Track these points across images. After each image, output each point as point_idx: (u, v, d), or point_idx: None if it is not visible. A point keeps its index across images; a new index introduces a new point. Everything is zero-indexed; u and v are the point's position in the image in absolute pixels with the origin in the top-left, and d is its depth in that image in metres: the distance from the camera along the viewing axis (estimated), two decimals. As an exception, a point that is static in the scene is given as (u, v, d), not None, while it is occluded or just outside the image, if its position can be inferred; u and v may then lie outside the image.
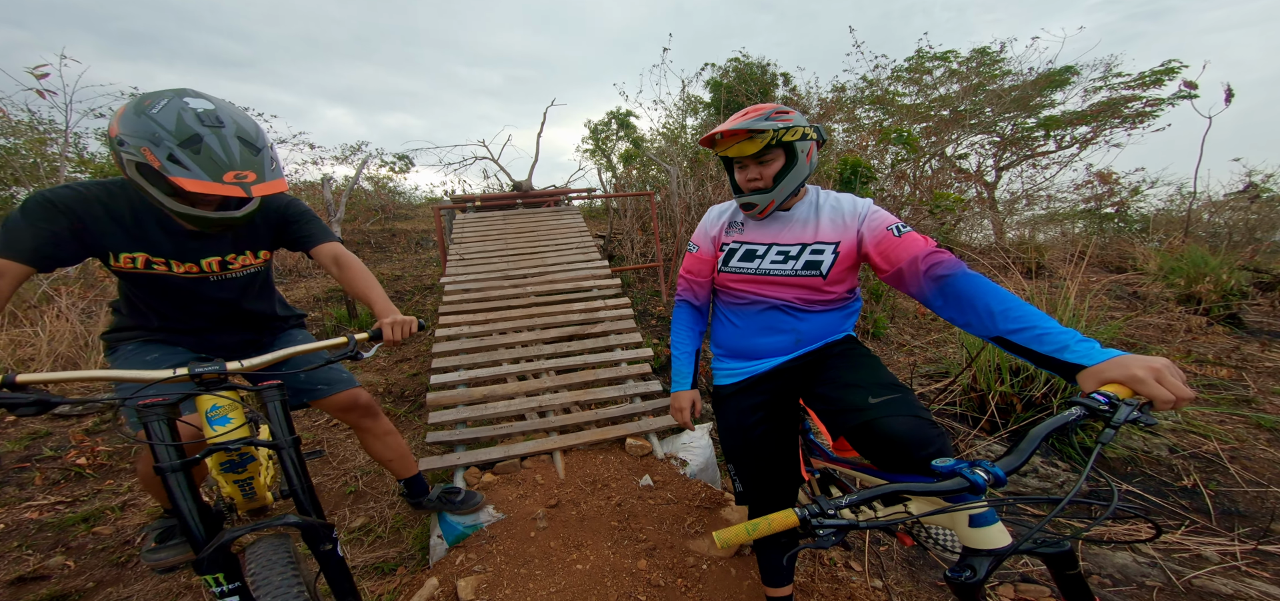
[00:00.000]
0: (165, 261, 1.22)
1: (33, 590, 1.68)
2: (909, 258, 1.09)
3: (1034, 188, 8.50)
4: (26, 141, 5.78)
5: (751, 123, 1.19)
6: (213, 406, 1.07)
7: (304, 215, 1.41)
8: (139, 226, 1.19)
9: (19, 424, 2.74)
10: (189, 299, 1.30)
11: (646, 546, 1.80)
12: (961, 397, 2.79)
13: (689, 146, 8.33)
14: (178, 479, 0.97)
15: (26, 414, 0.85)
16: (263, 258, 1.38)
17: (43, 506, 2.12)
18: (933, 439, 1.03)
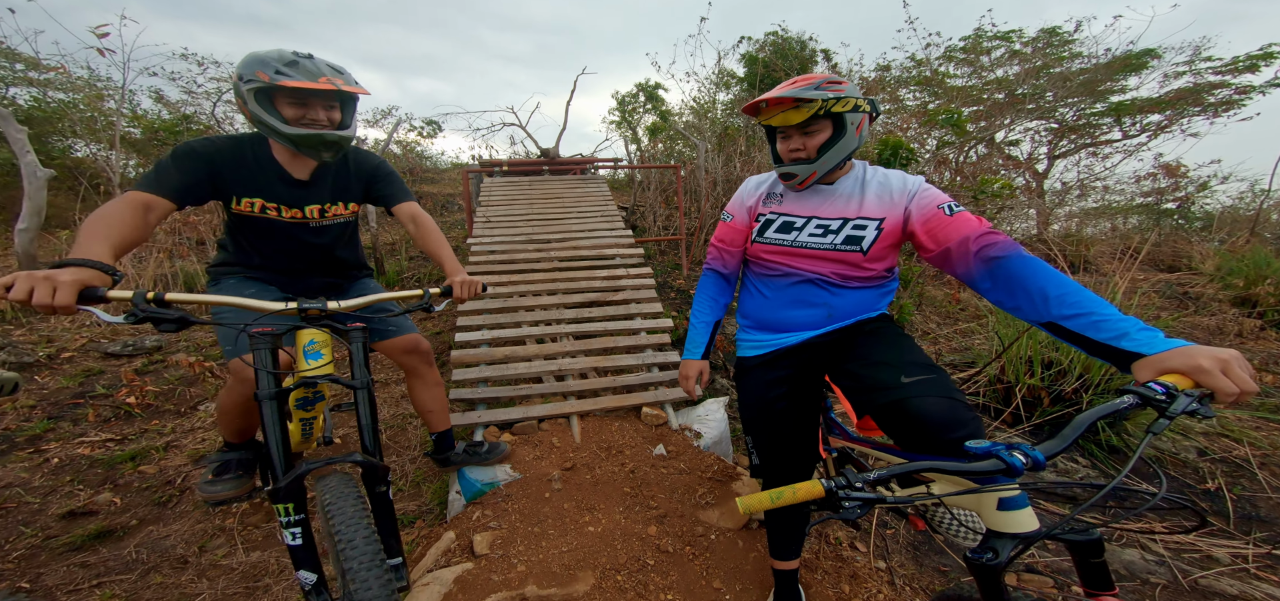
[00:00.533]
0: (277, 207, 1.40)
1: (82, 524, 1.81)
2: (959, 237, 1.05)
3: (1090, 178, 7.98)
4: (85, 97, 6.02)
5: (800, 91, 1.14)
6: (310, 341, 1.17)
7: (391, 176, 1.57)
8: (261, 175, 1.37)
9: (75, 361, 2.94)
10: (290, 242, 1.47)
11: (657, 513, 1.82)
12: (986, 388, 2.71)
13: (718, 122, 8.10)
14: (272, 406, 1.07)
15: (168, 329, 0.96)
16: (352, 209, 1.53)
17: (94, 443, 2.28)
18: (966, 421, 1.00)
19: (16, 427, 2.34)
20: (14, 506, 1.86)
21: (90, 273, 0.96)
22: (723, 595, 1.55)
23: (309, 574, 1.04)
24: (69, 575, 1.57)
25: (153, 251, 4.23)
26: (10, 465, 2.10)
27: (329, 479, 1.07)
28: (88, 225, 1.08)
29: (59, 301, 0.87)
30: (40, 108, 5.86)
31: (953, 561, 1.80)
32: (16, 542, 1.70)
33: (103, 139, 5.81)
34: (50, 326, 3.25)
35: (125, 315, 0.95)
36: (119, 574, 1.59)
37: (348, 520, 0.97)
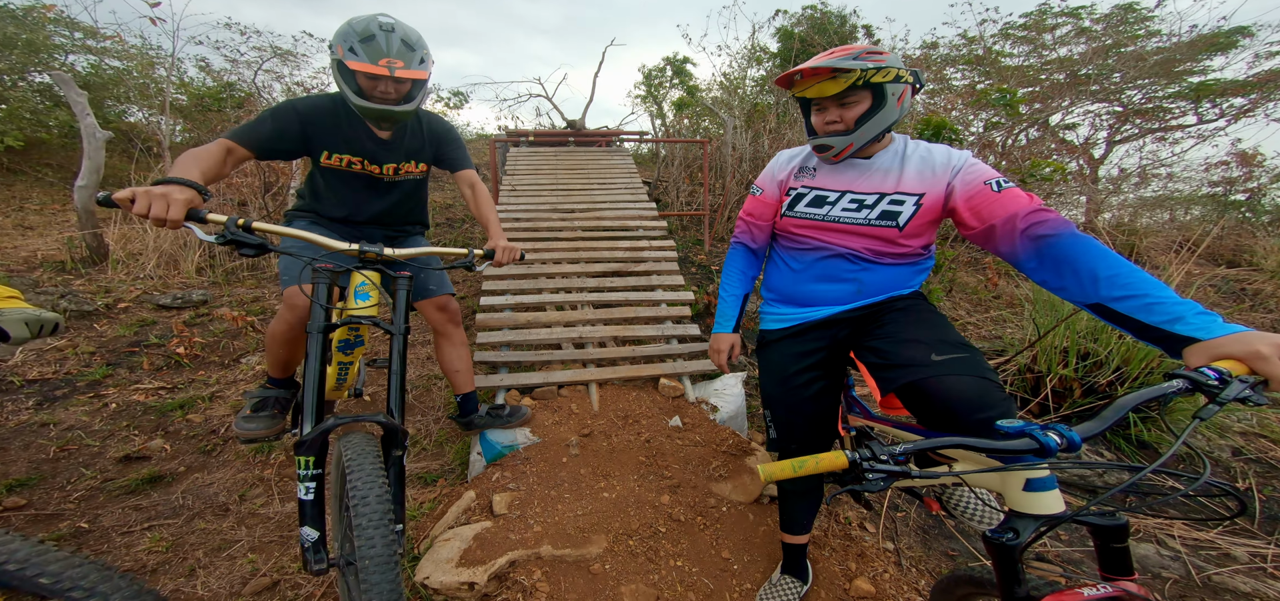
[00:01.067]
0: (361, 161, 1.53)
1: (136, 468, 1.95)
2: (1006, 215, 1.01)
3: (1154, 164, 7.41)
4: (138, 64, 6.28)
5: (837, 61, 1.09)
6: (361, 283, 1.26)
7: (458, 143, 1.71)
8: (352, 132, 1.49)
9: (129, 312, 3.13)
10: (368, 194, 1.60)
11: (671, 483, 1.86)
12: (1015, 378, 2.62)
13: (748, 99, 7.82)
14: (318, 341, 1.14)
15: (248, 253, 1.06)
16: (422, 168, 1.66)
17: (148, 390, 2.45)
18: (997, 401, 0.98)
19: (78, 372, 2.53)
20: (76, 448, 2.03)
21: (193, 194, 1.06)
22: (731, 565, 1.59)
23: (312, 531, 1.06)
24: (123, 517, 1.71)
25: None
26: (73, 408, 2.28)
27: (352, 436, 1.09)
28: (186, 156, 1.22)
29: (171, 215, 1.00)
30: (97, 74, 6.14)
31: (961, 547, 1.78)
32: (78, 483, 1.86)
33: (154, 105, 6.06)
34: (108, 277, 3.46)
35: (217, 236, 1.04)
36: (167, 518, 1.72)
37: (365, 479, 0.98)
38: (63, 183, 5.43)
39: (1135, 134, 7.65)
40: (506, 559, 1.45)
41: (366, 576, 0.90)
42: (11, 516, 1.68)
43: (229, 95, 6.49)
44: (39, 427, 2.14)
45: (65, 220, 4.53)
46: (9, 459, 1.95)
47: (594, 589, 1.44)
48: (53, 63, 5.75)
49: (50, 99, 5.87)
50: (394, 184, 1.63)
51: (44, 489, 1.83)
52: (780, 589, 1.45)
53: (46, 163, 5.83)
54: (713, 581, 1.52)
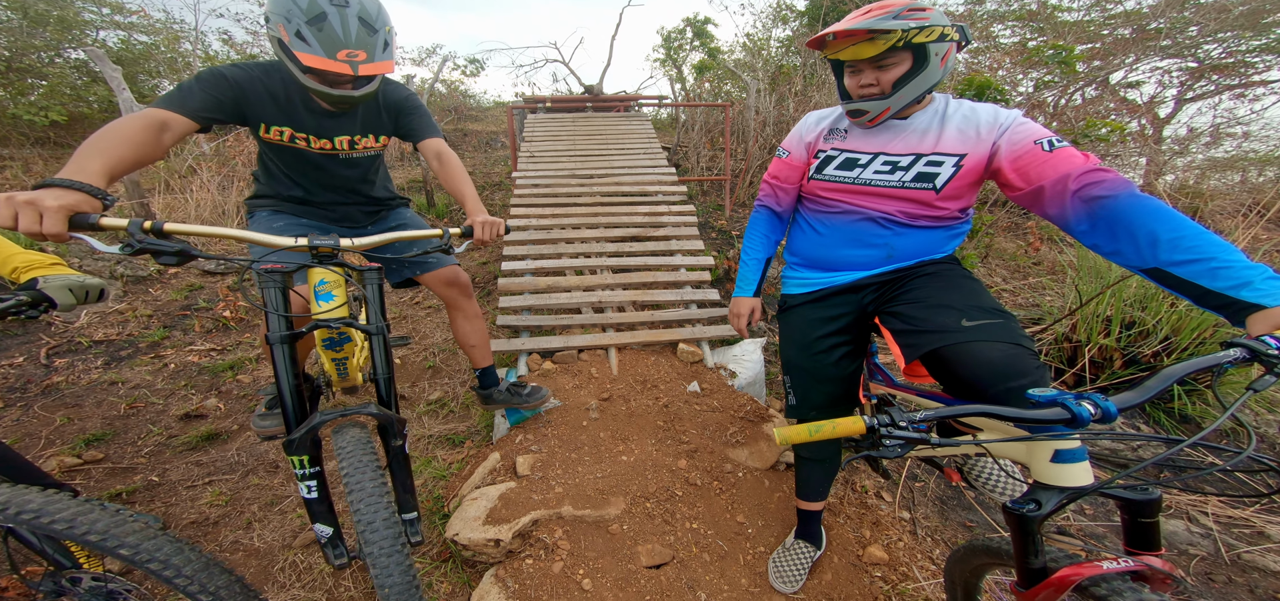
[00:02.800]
0: (306, 137, 1.36)
1: (195, 426, 2.12)
2: (1057, 175, 0.94)
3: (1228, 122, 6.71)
4: (164, 39, 6.43)
5: (875, 21, 1.01)
6: (320, 282, 1.11)
7: (417, 110, 1.50)
8: (289, 104, 1.32)
9: (179, 277, 3.33)
10: (320, 173, 1.46)
11: (688, 448, 1.90)
12: (1051, 348, 2.52)
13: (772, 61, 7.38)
14: (283, 351, 1.02)
15: (168, 262, 0.89)
16: (382, 142, 1.49)
17: (201, 351, 2.63)
18: (1029, 369, 0.95)
19: (139, 334, 2.73)
20: (143, 406, 2.22)
21: (78, 197, 0.85)
22: (746, 529, 1.63)
23: (325, 527, 1.04)
24: (187, 472, 1.88)
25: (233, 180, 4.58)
26: (137, 368, 2.47)
27: (344, 431, 1.04)
28: (88, 142, 0.99)
29: (47, 229, 0.81)
30: (128, 49, 6.35)
31: (980, 518, 1.78)
32: (147, 439, 2.04)
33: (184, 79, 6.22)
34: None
35: (121, 245, 0.88)
36: (225, 473, 1.88)
37: (358, 471, 0.95)
38: None
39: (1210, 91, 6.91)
40: (530, 518, 1.53)
41: (376, 567, 0.89)
42: (92, 468, 1.87)
43: None
44: (108, 386, 2.34)
45: (113, 190, 4.77)
46: (85, 415, 2.16)
47: (612, 547, 1.52)
48: (85, 39, 5.93)
49: (88, 75, 6.09)
50: (354, 160, 1.46)
51: (118, 444, 2.02)
52: (793, 553, 1.49)
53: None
54: (727, 543, 1.58)
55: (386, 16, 1.20)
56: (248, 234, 1.02)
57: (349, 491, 0.93)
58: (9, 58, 5.51)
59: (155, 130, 1.10)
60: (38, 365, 2.44)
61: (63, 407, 2.18)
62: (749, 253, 1.42)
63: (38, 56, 5.86)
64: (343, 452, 0.98)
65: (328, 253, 1.05)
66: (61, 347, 2.57)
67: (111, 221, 0.87)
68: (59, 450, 1.92)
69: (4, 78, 5.58)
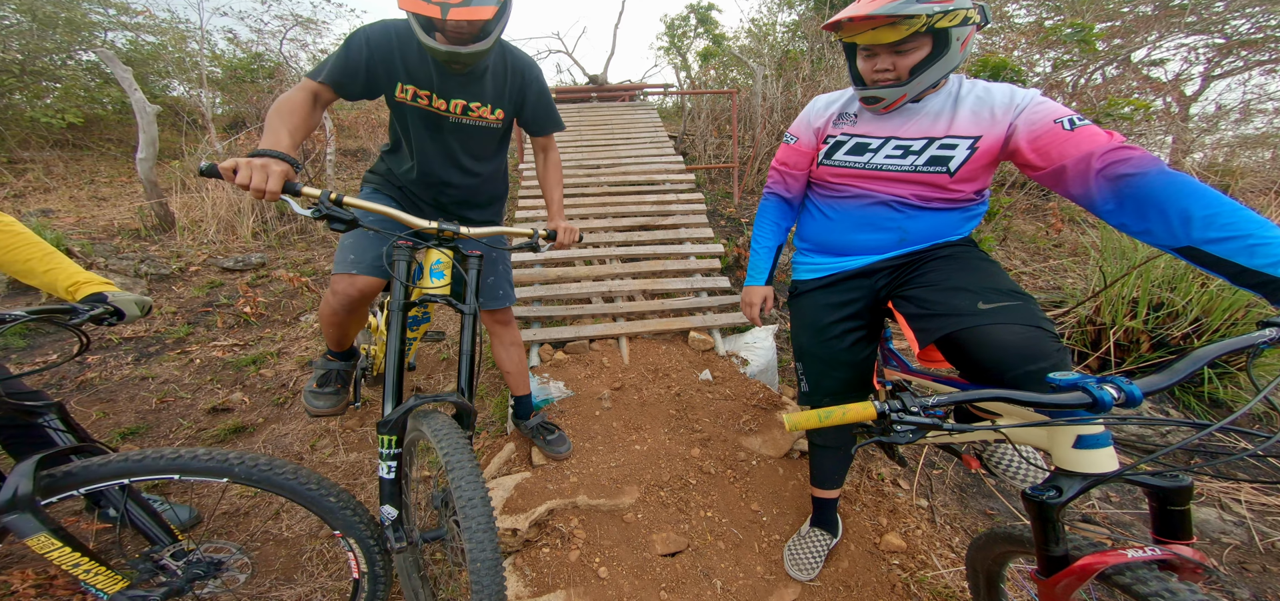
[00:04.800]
0: (429, 95, 1.33)
1: (222, 420, 2.18)
2: (1080, 154, 0.91)
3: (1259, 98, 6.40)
4: (171, 38, 6.48)
5: (897, 6, 0.97)
6: (437, 260, 1.22)
7: (545, 94, 1.48)
8: (420, 62, 1.31)
9: (200, 274, 3.41)
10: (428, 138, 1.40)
11: (701, 437, 1.91)
12: (1074, 331, 2.46)
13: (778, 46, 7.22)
14: (400, 318, 1.13)
15: (339, 228, 1.06)
16: (498, 116, 1.41)
17: (224, 346, 2.70)
18: (1049, 352, 0.92)
19: (165, 330, 2.81)
20: (173, 400, 2.29)
21: (286, 167, 1.04)
22: (760, 517, 1.64)
23: (392, 509, 1.07)
24: (218, 462, 1.94)
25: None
26: (166, 363, 2.55)
27: (434, 416, 1.09)
28: (273, 116, 1.15)
29: (270, 187, 0.99)
30: (137, 50, 6.41)
31: (1001, 506, 1.76)
32: (178, 431, 2.11)
33: (192, 79, 6.29)
34: (176, 243, 3.76)
35: (312, 209, 1.04)
36: (253, 463, 1.94)
37: (459, 455, 0.99)
38: (125, 156, 5.80)
39: (1239, 68, 6.59)
40: (545, 507, 1.56)
41: (477, 578, 0.92)
42: (126, 460, 1.95)
43: (259, 66, 6.62)
44: (140, 381, 2.42)
45: (133, 191, 4.88)
46: (119, 409, 2.24)
47: (627, 536, 1.54)
48: (95, 40, 6.01)
49: (100, 76, 6.18)
50: (459, 127, 1.39)
51: (151, 436, 2.09)
52: (809, 541, 1.49)
53: (108, 138, 6.23)
54: (742, 531, 1.59)
55: None
56: (396, 212, 1.14)
57: (449, 469, 0.98)
58: (22, 61, 5.61)
59: (310, 101, 1.23)
60: (71, 362, 2.52)
61: (98, 402, 2.26)
62: (759, 241, 1.40)
63: (50, 59, 5.95)
64: (439, 434, 1.04)
65: (449, 236, 1.18)
66: (93, 345, 2.66)
67: (310, 191, 1.04)
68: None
69: (20, 81, 5.69)
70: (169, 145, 5.50)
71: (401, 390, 1.13)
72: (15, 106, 5.80)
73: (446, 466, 0.98)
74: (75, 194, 4.82)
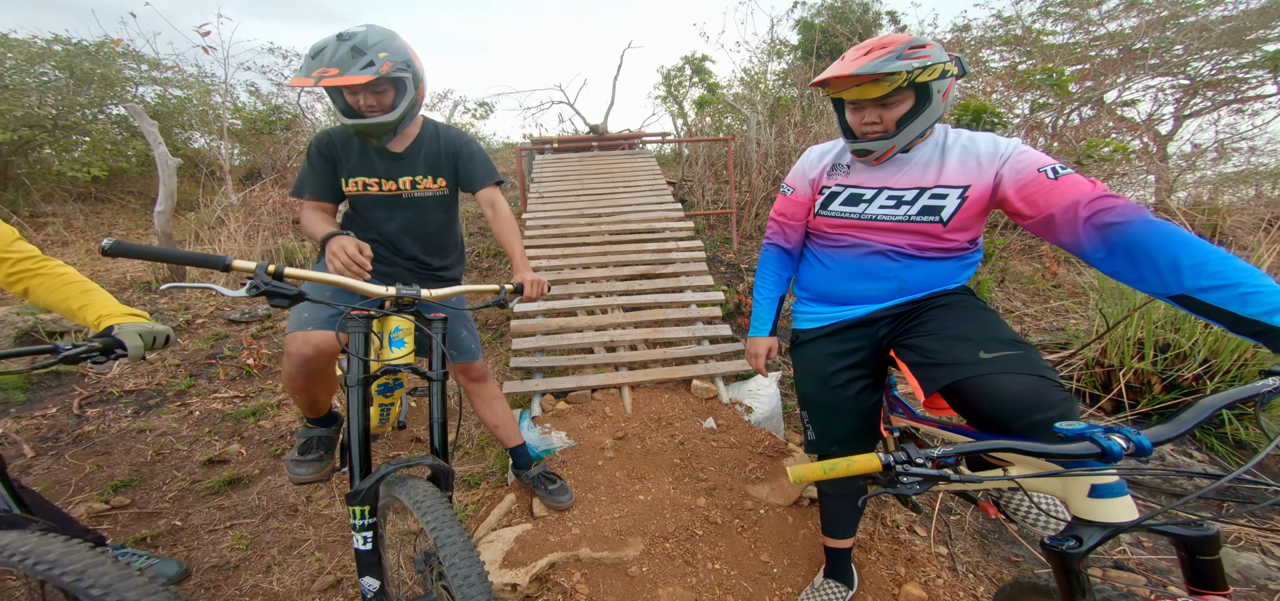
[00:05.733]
0: (377, 181, 1.46)
1: (218, 471, 2.14)
2: (1066, 203, 0.94)
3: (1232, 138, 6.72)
4: (196, 92, 6.80)
5: (878, 64, 1.03)
6: (396, 328, 1.16)
7: (476, 155, 1.56)
8: (362, 156, 1.44)
9: (206, 326, 3.43)
10: (384, 213, 1.51)
11: (707, 485, 1.86)
12: (1083, 373, 2.44)
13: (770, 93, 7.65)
14: (359, 392, 1.06)
15: (279, 304, 0.96)
16: (441, 184, 1.53)
17: (225, 398, 2.68)
18: (1055, 402, 0.92)
19: (168, 383, 2.80)
20: (169, 452, 2.26)
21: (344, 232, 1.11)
22: (770, 568, 1.57)
23: (372, 581, 1.02)
24: (210, 516, 1.89)
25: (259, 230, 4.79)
26: (165, 415, 2.53)
27: (413, 483, 1.04)
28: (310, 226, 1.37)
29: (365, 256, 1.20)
30: (164, 104, 6.68)
31: (1026, 552, 1.69)
32: (172, 484, 2.07)
33: (214, 131, 6.56)
34: (186, 296, 3.81)
35: (246, 286, 0.94)
36: (246, 517, 1.89)
37: (449, 528, 0.93)
38: (144, 208, 5.99)
39: (1207, 107, 6.95)
40: (547, 560, 1.50)
41: None
42: (119, 514, 1.90)
43: (277, 117, 6.90)
44: (137, 433, 2.39)
45: (149, 240, 5.01)
46: (113, 462, 2.20)
47: (632, 591, 1.47)
48: (125, 95, 6.29)
49: (127, 130, 6.42)
50: (415, 200, 1.50)
51: (144, 489, 2.04)
52: (823, 593, 1.42)
53: (129, 190, 6.45)
54: (752, 584, 1.52)
55: (392, 48, 1.27)
56: (351, 281, 1.10)
57: (440, 545, 0.92)
58: (56, 116, 5.83)
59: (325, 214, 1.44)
60: (70, 415, 2.50)
61: (93, 455, 2.22)
62: (761, 291, 1.42)
63: (82, 114, 6.17)
64: (422, 506, 0.97)
65: (408, 301, 1.12)
66: (93, 398, 2.65)
67: (242, 264, 0.93)
68: (88, 496, 1.96)
69: (51, 136, 5.89)
70: (186, 196, 5.68)
71: (369, 461, 1.08)
72: (44, 161, 5.99)
73: (434, 538, 0.93)
74: (91, 247, 4.94)
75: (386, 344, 1.16)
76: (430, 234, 1.58)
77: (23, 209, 5.44)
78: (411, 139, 1.48)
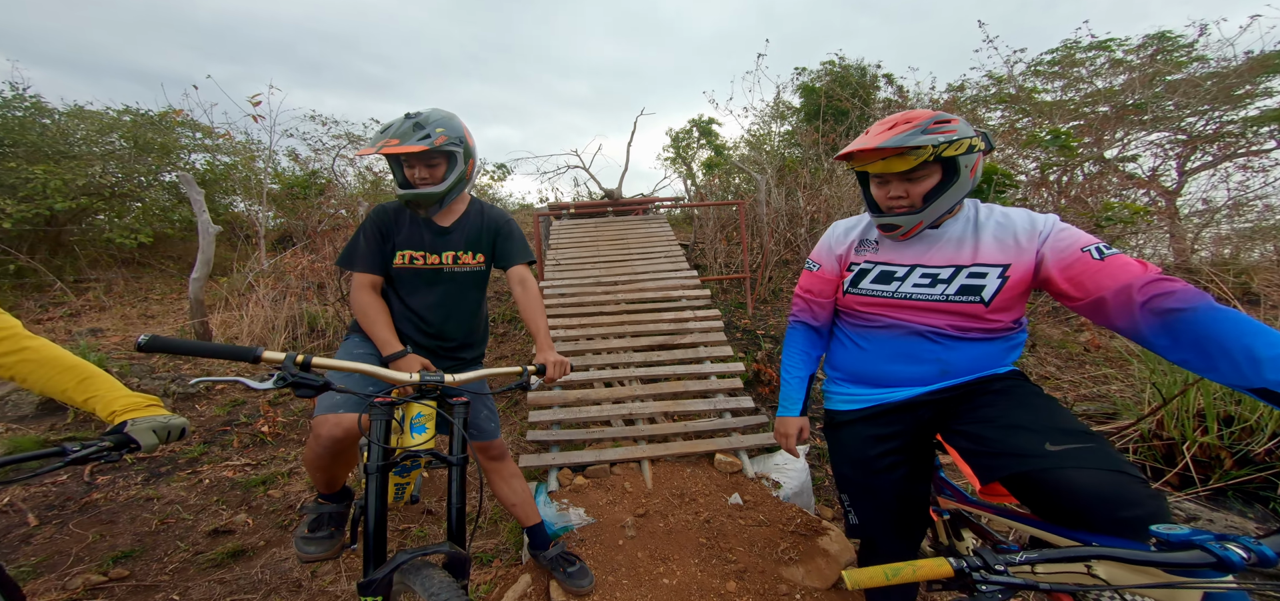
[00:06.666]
0: (423, 255, 1.53)
1: (222, 542, 2.08)
2: (1118, 286, 0.90)
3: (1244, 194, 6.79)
4: (242, 159, 7.20)
5: (904, 138, 1.02)
6: (418, 414, 1.15)
7: (512, 236, 1.62)
8: (414, 228, 1.53)
9: (224, 393, 3.44)
10: (425, 290, 1.54)
11: (736, 568, 1.73)
12: (1139, 445, 2.31)
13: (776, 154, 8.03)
14: (377, 480, 1.06)
15: (305, 395, 0.95)
16: (479, 260, 1.59)
17: (236, 466, 2.64)
18: (1140, 498, 0.84)
19: (181, 450, 2.77)
20: (174, 521, 2.19)
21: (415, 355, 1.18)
22: (810, 669, 1.42)
23: None
24: (209, 591, 1.81)
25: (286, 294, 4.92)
26: (174, 484, 2.48)
27: (429, 573, 1.01)
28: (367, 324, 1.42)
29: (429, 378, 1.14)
30: (212, 170, 7.05)
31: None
32: (174, 555, 1.99)
33: (254, 195, 6.91)
34: (208, 362, 3.86)
35: (274, 377, 0.94)
36: (247, 592, 1.80)
37: None
38: (181, 273, 6.21)
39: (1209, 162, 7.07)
40: (566, 652, 1.38)
41: None
42: (116, 587, 1.81)
43: (313, 183, 7.27)
44: (144, 502, 2.33)
45: (180, 308, 5.16)
46: (117, 531, 2.13)
47: (658, 691, 1.33)
48: (179, 162, 6.62)
49: (175, 196, 6.72)
50: (453, 276, 1.56)
51: (145, 560, 1.96)
52: (869, 696, 1.27)
53: (169, 255, 6.73)
54: (789, 688, 1.36)
55: (449, 126, 1.41)
56: (377, 370, 1.09)
57: None
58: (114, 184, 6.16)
59: (373, 290, 1.47)
60: (80, 482, 2.47)
61: (97, 524, 2.16)
62: (790, 370, 1.36)
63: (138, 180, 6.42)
64: (435, 594, 0.94)
65: (432, 387, 1.13)
66: (102, 466, 2.62)
67: (272, 355, 0.95)
68: (87, 568, 1.88)
69: (108, 203, 6.20)
70: (221, 260, 5.89)
71: (384, 549, 1.05)
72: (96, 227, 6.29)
73: None
74: (127, 312, 5.09)
75: (408, 429, 1.15)
76: (464, 311, 1.60)
77: (68, 274, 5.66)
78: (457, 215, 1.57)
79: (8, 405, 3.01)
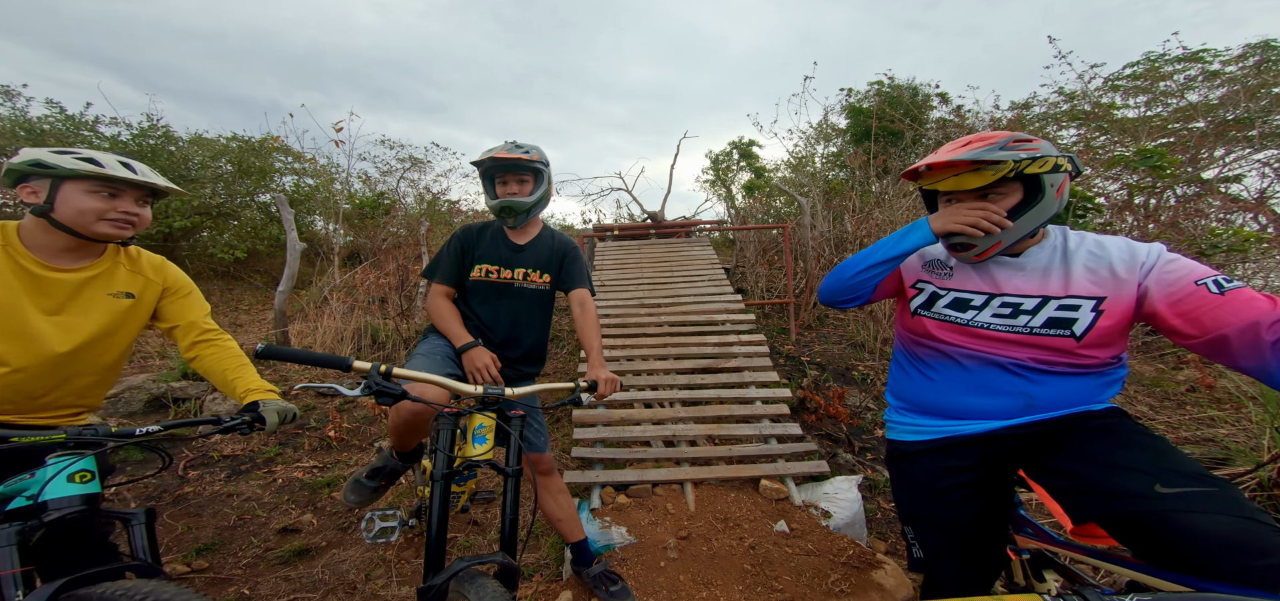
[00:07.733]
0: (498, 269, 1.66)
1: (289, 540, 2.22)
2: (1243, 323, 0.82)
3: None
4: (322, 181, 7.98)
5: (980, 153, 0.96)
6: (480, 425, 1.24)
7: (578, 261, 1.75)
8: (494, 244, 1.67)
9: (298, 398, 3.73)
10: (497, 303, 1.66)
11: (784, 597, 1.66)
12: (1258, 494, 2.03)
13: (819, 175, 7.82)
14: (442, 486, 1.12)
15: (385, 403, 1.05)
16: (546, 280, 1.70)
17: (306, 468, 2.83)
18: (1275, 548, 0.76)
19: (259, 450, 3.02)
20: (249, 518, 2.38)
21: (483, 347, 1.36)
22: (864, 717, 1.33)
23: None
24: (275, 587, 1.94)
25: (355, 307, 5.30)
26: (251, 482, 2.70)
27: (482, 583, 1.05)
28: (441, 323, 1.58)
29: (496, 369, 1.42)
30: (298, 191, 7.88)
31: None
32: (247, 550, 2.15)
33: (331, 215, 7.58)
34: (287, 368, 4.19)
35: (361, 386, 1.03)
36: (308, 590, 1.91)
37: None
38: (268, 286, 6.84)
39: None
40: (606, 673, 1.36)
41: None
42: (195, 578, 1.98)
43: (380, 203, 7.86)
44: (226, 497, 2.55)
45: (264, 319, 5.67)
46: (202, 524, 2.34)
47: (700, 723, 1.28)
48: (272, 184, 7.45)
49: (266, 215, 7.53)
50: (522, 291, 1.66)
51: (222, 554, 2.13)
52: None
53: (258, 270, 7.45)
54: None
55: (537, 148, 1.62)
56: (447, 381, 1.18)
57: None
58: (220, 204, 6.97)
59: (447, 299, 1.64)
60: (175, 476, 2.74)
61: (186, 516, 2.38)
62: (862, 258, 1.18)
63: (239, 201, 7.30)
64: None
65: (494, 399, 1.21)
66: (196, 461, 2.90)
67: (360, 364, 1.04)
68: (174, 558, 2.07)
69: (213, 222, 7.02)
70: (301, 275, 6.40)
71: (443, 557, 1.10)
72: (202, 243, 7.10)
73: None
74: (219, 321, 5.65)
75: (470, 440, 1.23)
76: (529, 327, 1.69)
77: (174, 287, 6.41)
78: (531, 236, 1.70)
79: (120, 402, 3.40)
